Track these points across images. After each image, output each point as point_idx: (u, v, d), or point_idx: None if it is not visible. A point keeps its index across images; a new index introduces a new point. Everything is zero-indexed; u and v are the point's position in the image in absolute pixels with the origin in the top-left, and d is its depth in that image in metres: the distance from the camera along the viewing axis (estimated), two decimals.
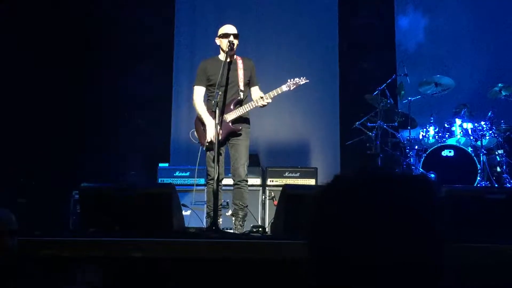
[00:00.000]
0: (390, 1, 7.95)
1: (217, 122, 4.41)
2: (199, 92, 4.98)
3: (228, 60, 4.82)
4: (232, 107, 4.85)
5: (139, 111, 7.60)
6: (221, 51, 4.94)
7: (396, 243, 0.92)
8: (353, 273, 0.92)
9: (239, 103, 4.88)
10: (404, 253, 0.92)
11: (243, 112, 4.86)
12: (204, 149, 4.87)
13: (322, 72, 7.50)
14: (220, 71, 4.58)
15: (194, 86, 5.03)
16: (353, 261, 0.92)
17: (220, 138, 4.63)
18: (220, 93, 4.57)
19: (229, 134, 4.88)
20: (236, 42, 4.85)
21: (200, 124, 4.96)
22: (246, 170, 4.91)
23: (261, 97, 4.82)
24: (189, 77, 7.54)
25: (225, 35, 4.86)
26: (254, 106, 4.84)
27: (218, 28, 5.00)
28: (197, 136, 4.98)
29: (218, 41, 4.94)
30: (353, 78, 7.65)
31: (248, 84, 4.98)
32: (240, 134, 4.89)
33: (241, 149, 4.88)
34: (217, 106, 4.41)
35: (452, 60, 7.49)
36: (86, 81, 7.11)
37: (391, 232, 0.92)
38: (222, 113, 4.66)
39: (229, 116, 4.83)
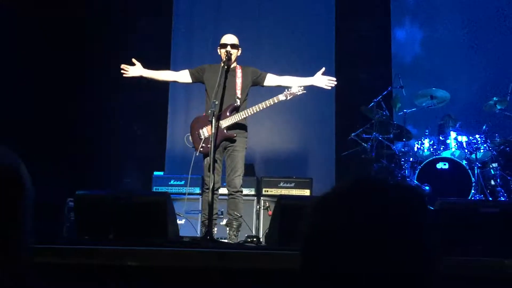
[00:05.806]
0: (386, 14, 8.01)
1: (213, 131, 4.41)
2: (180, 71, 5.11)
3: (227, 68, 4.84)
4: (228, 113, 4.85)
5: (135, 119, 7.60)
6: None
7: (389, 255, 0.92)
8: (345, 285, 0.93)
9: (235, 109, 4.89)
10: (395, 264, 0.92)
11: (239, 118, 4.86)
12: (196, 154, 4.85)
13: None
14: (218, 80, 4.61)
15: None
16: (345, 272, 0.93)
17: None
18: (216, 102, 4.57)
19: (224, 140, 4.89)
20: (234, 51, 4.88)
21: (195, 128, 4.96)
22: (241, 181, 4.91)
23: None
24: (186, 86, 7.54)
25: (223, 45, 4.90)
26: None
27: (215, 37, 5.04)
28: (191, 141, 4.98)
29: (218, 50, 4.98)
30: (349, 89, 7.67)
31: (247, 92, 4.97)
32: (234, 141, 4.89)
33: (237, 160, 4.87)
34: (213, 115, 4.42)
35: (448, 73, 7.54)
36: (81, 88, 7.10)
37: (383, 244, 0.93)
38: (218, 119, 4.67)
39: (224, 123, 4.83)
